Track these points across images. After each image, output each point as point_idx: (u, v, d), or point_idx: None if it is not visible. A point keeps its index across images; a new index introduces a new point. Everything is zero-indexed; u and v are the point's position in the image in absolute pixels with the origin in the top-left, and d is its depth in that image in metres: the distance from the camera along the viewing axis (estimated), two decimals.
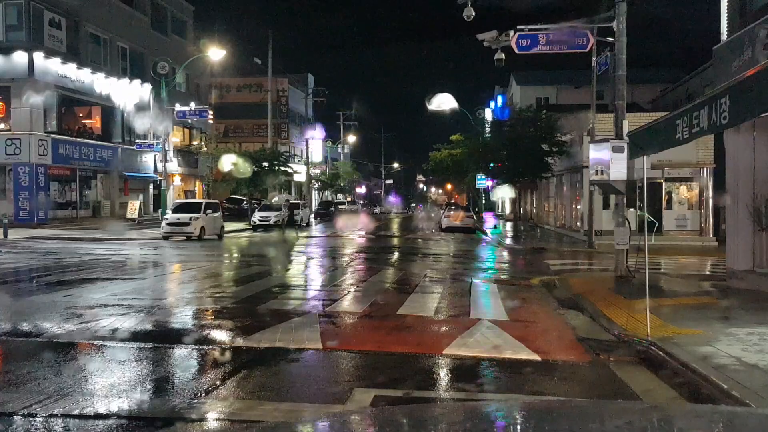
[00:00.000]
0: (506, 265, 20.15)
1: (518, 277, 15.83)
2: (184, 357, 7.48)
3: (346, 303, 11.17)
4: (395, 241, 30.84)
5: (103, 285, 12.67)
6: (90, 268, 15.62)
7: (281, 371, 6.79)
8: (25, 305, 10.49)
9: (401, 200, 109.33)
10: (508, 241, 28.79)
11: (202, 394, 5.80)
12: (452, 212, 38.28)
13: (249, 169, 37.50)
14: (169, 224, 25.78)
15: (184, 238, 25.92)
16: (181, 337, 8.27)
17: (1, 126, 31.98)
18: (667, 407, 3.74)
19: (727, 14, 12.86)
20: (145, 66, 39.58)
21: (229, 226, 32.56)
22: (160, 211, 34.23)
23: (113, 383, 6.11)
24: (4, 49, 31.37)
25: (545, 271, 16.68)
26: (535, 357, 7.27)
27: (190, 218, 25.71)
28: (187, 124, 45.14)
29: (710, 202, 26.59)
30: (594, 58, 21.13)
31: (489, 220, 46.80)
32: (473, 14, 18.48)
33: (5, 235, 24.46)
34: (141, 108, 37.53)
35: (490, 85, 72.79)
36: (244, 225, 36.67)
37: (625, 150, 10.23)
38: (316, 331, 8.38)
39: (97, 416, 5.17)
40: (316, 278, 15.72)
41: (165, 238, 25.80)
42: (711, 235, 26.36)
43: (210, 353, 7.56)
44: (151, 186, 42.18)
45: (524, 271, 17.53)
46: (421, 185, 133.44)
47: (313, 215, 50.47)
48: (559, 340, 8.41)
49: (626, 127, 13.49)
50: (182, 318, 9.77)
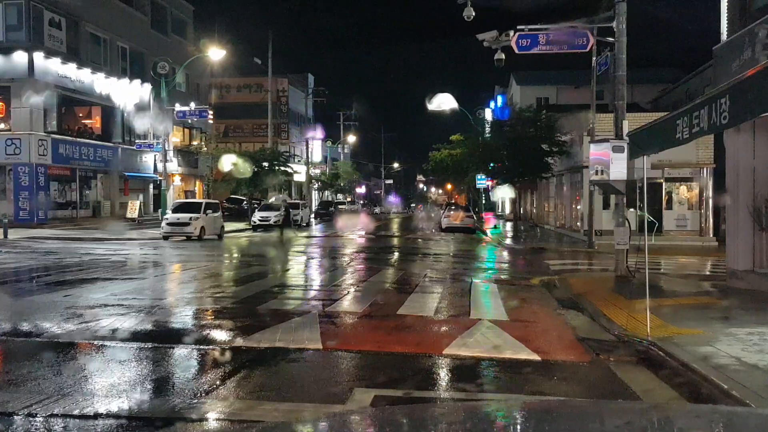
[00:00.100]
0: (506, 265, 20.15)
1: (518, 277, 15.83)
2: (184, 357, 7.48)
3: (346, 303, 11.17)
4: (395, 241, 30.84)
5: (103, 285, 12.67)
6: (90, 268, 15.62)
7: (281, 371, 6.78)
8: (25, 305, 10.49)
9: (401, 200, 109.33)
10: (508, 241, 28.78)
11: (202, 394, 5.80)
12: (452, 212, 38.28)
13: (249, 169, 37.50)
14: (169, 224, 25.79)
15: (184, 238, 25.92)
16: (181, 337, 8.27)
17: (1, 126, 32.00)
18: (667, 407, 3.74)
19: (727, 14, 12.86)
20: (145, 66, 39.58)
21: (229, 226, 32.56)
22: (160, 211, 34.24)
23: (113, 383, 6.11)
24: (4, 49, 31.38)
25: (545, 271, 16.68)
26: (535, 357, 7.27)
27: (190, 218, 25.71)
28: (187, 124, 45.14)
29: (710, 202, 26.60)
30: (594, 58, 21.12)
31: (489, 220, 46.81)
32: (473, 14, 18.51)
33: (5, 235, 24.46)
34: (141, 108, 37.53)
35: (490, 85, 72.80)
36: (244, 225, 36.67)
37: (625, 150, 10.23)
38: (316, 331, 8.38)
39: (97, 416, 5.17)
40: (316, 278, 15.72)
41: (165, 238, 25.79)
42: (711, 235, 26.36)
43: (210, 353, 7.56)
44: (151, 186, 42.19)
45: (524, 271, 17.53)
46: (421, 185, 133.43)
47: (313, 215, 50.48)
48: (559, 340, 8.41)
49: (626, 127, 13.49)
50: (182, 318, 9.77)
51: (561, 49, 15.64)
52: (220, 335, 8.44)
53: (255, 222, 35.68)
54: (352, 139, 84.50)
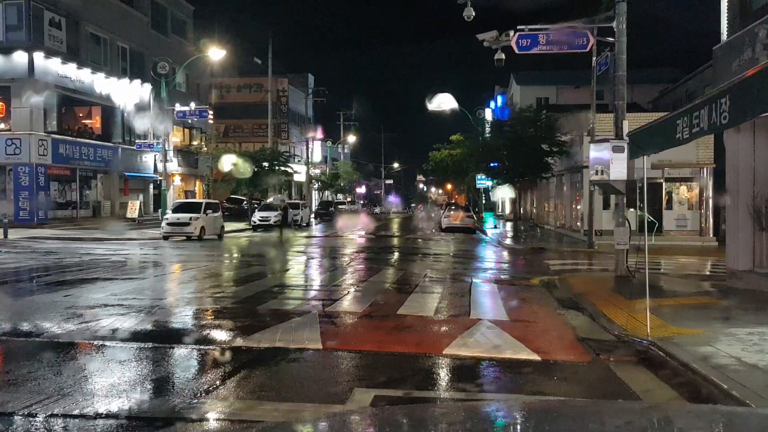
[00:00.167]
0: (506, 265, 20.15)
1: (518, 277, 15.83)
2: (184, 357, 7.48)
3: (346, 303, 11.17)
4: (395, 241, 30.84)
5: (103, 285, 12.67)
6: (90, 268, 15.62)
7: (281, 371, 6.78)
8: (25, 305, 10.49)
9: (401, 200, 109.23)
10: (508, 241, 28.78)
11: (202, 394, 5.80)
12: (452, 212, 38.28)
13: (249, 169, 37.50)
14: (169, 224, 25.79)
15: (184, 238, 25.92)
16: (181, 337, 8.27)
17: (1, 126, 32.00)
18: (667, 407, 3.74)
19: (727, 14, 12.86)
20: (145, 66, 39.58)
21: (229, 226, 32.56)
22: (160, 211, 34.24)
23: (113, 383, 6.11)
24: (4, 49, 31.39)
25: (545, 271, 16.68)
26: (535, 357, 7.27)
27: (190, 218, 25.71)
28: (187, 124, 45.15)
29: (710, 202, 26.59)
30: (594, 58, 21.12)
31: (489, 220, 46.80)
32: (473, 14, 18.51)
33: (5, 235, 24.46)
34: (141, 108, 37.52)
35: (490, 85, 72.83)
36: (244, 225, 36.67)
37: (625, 150, 10.22)
38: (316, 331, 8.38)
39: (97, 416, 5.17)
40: (316, 278, 15.72)
41: (165, 238, 25.80)
42: (711, 235, 26.35)
43: (210, 353, 7.56)
44: (151, 186, 42.19)
45: (524, 271, 17.53)
46: (421, 185, 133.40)
47: (313, 215, 50.51)
48: (559, 340, 8.41)
49: (626, 127, 13.49)
50: (182, 318, 9.77)
51: (561, 49, 15.64)
52: (220, 335, 8.44)
53: (255, 222, 35.69)
54: (352, 139, 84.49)
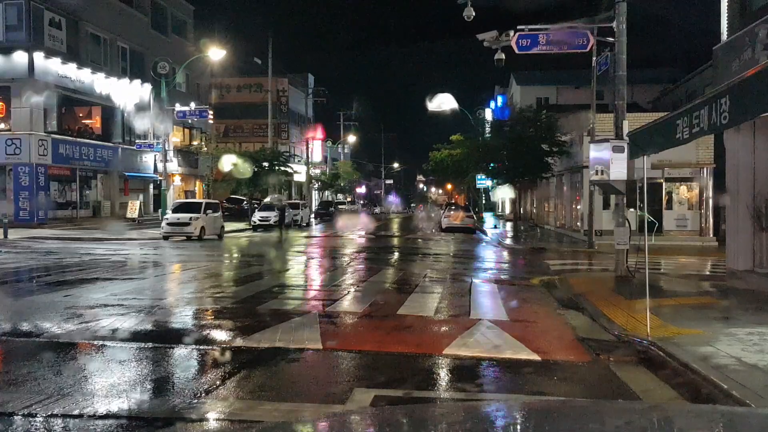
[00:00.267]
0: (506, 265, 20.15)
1: (518, 277, 15.83)
2: (184, 357, 7.48)
3: (346, 303, 11.17)
4: (395, 241, 30.84)
5: (103, 285, 12.67)
6: (90, 268, 15.62)
7: (281, 371, 6.78)
8: (25, 305, 10.48)
9: (401, 200, 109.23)
10: (508, 241, 28.78)
11: (202, 394, 5.80)
12: (452, 212, 38.28)
13: (249, 169, 37.51)
14: (169, 224, 25.79)
15: (184, 238, 25.92)
16: (181, 337, 8.27)
17: (1, 126, 31.99)
18: (667, 407, 3.74)
19: (727, 14, 12.85)
20: (145, 66, 39.57)
21: (229, 226, 32.56)
22: (160, 211, 34.23)
23: (113, 383, 6.11)
24: (4, 49, 31.37)
25: (545, 271, 16.68)
26: (535, 357, 7.27)
27: (190, 218, 25.71)
28: (187, 124, 45.14)
29: (710, 202, 26.58)
30: (594, 58, 21.11)
31: (489, 220, 46.79)
32: (473, 14, 18.51)
33: (5, 235, 24.46)
34: (141, 108, 37.52)
35: (490, 85, 72.80)
36: (244, 225, 36.68)
37: (625, 150, 10.22)
38: (316, 331, 8.38)
39: (97, 416, 5.17)
40: (316, 278, 15.72)
41: (165, 238, 25.79)
42: (711, 235, 26.35)
43: (210, 353, 7.56)
44: (151, 186, 42.19)
45: (524, 271, 17.53)
46: (421, 185, 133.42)
47: (313, 215, 50.53)
48: (559, 340, 8.41)
49: (626, 127, 13.49)
50: (182, 318, 9.77)
51: (561, 49, 15.64)
52: (220, 335, 8.44)
53: (255, 222, 35.70)
54: (352, 139, 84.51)
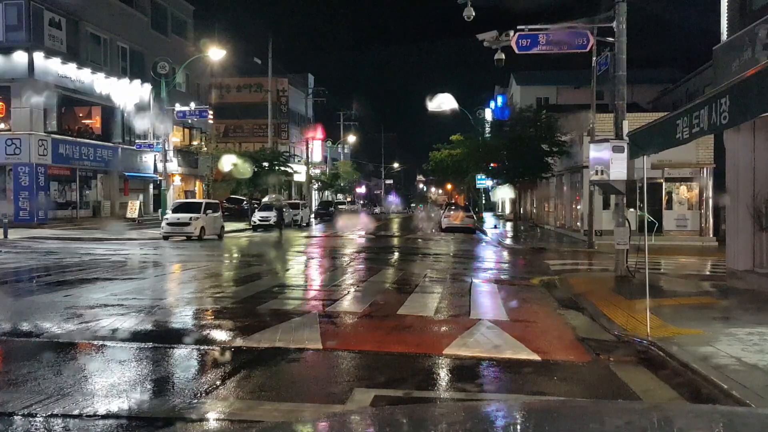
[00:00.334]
0: (506, 265, 20.15)
1: (518, 277, 15.84)
2: (184, 357, 7.48)
3: (346, 303, 11.17)
4: (395, 241, 30.84)
5: (103, 285, 12.67)
6: (90, 268, 15.62)
7: (281, 371, 6.78)
8: (25, 305, 10.49)
9: (401, 200, 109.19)
10: (508, 241, 28.78)
11: (202, 394, 5.80)
12: (452, 212, 38.28)
13: (249, 169, 37.51)
14: (169, 224, 25.79)
15: (184, 238, 25.92)
16: (181, 337, 8.27)
17: (1, 126, 31.98)
18: (667, 407, 3.74)
19: (727, 14, 12.85)
20: (145, 66, 39.56)
21: (229, 226, 32.56)
22: (160, 211, 34.23)
23: (113, 383, 6.11)
24: (4, 49, 31.37)
25: (545, 271, 16.67)
26: (535, 357, 7.27)
27: (190, 218, 25.71)
28: (187, 124, 45.14)
29: (710, 202, 26.58)
30: (594, 58, 21.11)
31: (489, 220, 46.80)
32: (473, 14, 18.50)
33: (5, 235, 24.45)
34: (141, 108, 37.51)
35: (490, 85, 72.80)
36: (244, 225, 36.68)
37: (625, 150, 10.22)
38: (316, 331, 8.38)
39: (97, 416, 5.17)
40: (316, 278, 15.72)
41: (165, 238, 25.80)
42: (711, 235, 26.35)
43: (210, 353, 7.56)
44: (151, 186, 42.18)
45: (524, 271, 17.53)
46: (421, 185, 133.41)
47: (313, 215, 50.54)
48: (559, 340, 8.41)
49: (626, 127, 13.49)
50: (182, 318, 9.77)
51: (561, 49, 15.64)
52: (220, 335, 8.44)
53: (255, 222, 35.71)
54: (352, 139, 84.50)
